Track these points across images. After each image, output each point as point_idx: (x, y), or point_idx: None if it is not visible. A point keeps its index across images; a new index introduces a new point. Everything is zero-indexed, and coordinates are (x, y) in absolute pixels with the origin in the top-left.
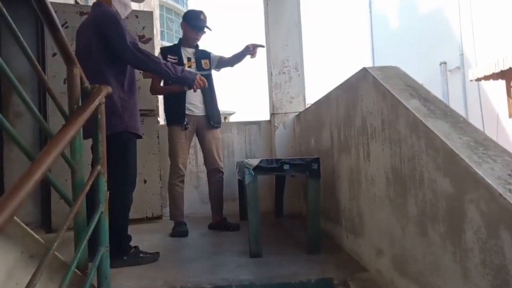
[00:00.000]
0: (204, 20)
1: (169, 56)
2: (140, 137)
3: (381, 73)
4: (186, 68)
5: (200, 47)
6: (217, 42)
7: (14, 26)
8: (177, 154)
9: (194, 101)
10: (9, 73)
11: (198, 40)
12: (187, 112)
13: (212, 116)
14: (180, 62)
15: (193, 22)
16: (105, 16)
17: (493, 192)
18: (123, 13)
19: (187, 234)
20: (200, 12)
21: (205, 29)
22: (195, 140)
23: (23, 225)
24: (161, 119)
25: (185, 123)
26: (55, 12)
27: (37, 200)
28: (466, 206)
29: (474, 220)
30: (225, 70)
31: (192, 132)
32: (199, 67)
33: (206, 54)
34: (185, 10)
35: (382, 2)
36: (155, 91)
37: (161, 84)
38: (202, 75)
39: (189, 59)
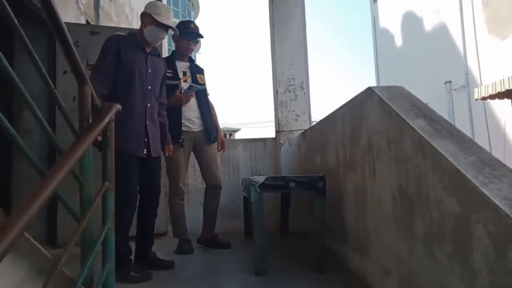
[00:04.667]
0: (195, 29)
1: None
2: (132, 155)
3: (386, 93)
4: (182, 82)
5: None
6: (224, 60)
7: (30, 46)
8: (177, 173)
9: (190, 117)
10: (24, 91)
11: (191, 50)
12: (183, 128)
13: (211, 131)
14: (175, 76)
15: (183, 31)
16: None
17: (500, 213)
18: (152, 41)
19: (192, 251)
20: (190, 21)
21: (197, 39)
22: (193, 156)
23: (32, 240)
24: None
25: (181, 140)
26: (68, 31)
27: (43, 215)
28: (473, 226)
29: (482, 240)
30: (230, 84)
31: (189, 149)
32: (194, 81)
33: (200, 69)
34: None
35: (386, 21)
36: None
37: None
38: (198, 89)
39: (184, 73)
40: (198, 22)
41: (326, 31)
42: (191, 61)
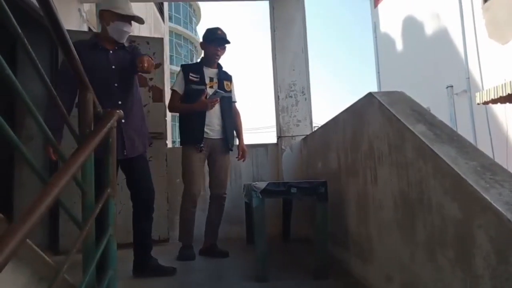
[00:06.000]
0: (222, 35)
1: (191, 74)
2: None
3: (386, 98)
4: (208, 88)
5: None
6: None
7: (33, 54)
8: (191, 178)
9: (211, 123)
10: (26, 98)
11: (218, 56)
12: (204, 134)
13: (230, 140)
14: (202, 81)
15: (210, 38)
16: None
17: (501, 218)
18: (119, 38)
19: (194, 258)
20: (217, 28)
21: (225, 45)
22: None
23: (34, 247)
24: (169, 142)
25: (202, 145)
26: (70, 38)
27: (44, 221)
28: (475, 232)
29: (483, 245)
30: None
31: (205, 155)
32: (221, 88)
33: (228, 76)
34: (193, 35)
35: (387, 26)
36: (173, 108)
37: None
38: (224, 96)
39: (211, 79)
40: (199, 28)
41: (327, 37)
42: (220, 67)
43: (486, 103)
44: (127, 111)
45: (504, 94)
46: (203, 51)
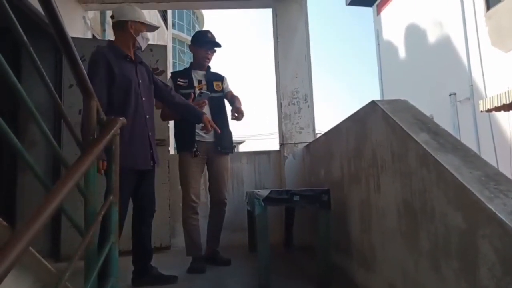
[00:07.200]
0: (212, 38)
1: (178, 79)
2: (132, 169)
3: (389, 106)
4: (197, 90)
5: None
6: (227, 73)
7: (38, 61)
8: (188, 184)
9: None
10: (30, 104)
11: (208, 59)
12: (197, 138)
13: (221, 142)
14: (190, 85)
15: (201, 40)
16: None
17: (506, 228)
18: (143, 46)
19: (205, 270)
20: (207, 31)
21: (215, 48)
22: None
23: (37, 254)
24: (171, 148)
25: (195, 149)
26: (74, 46)
27: (46, 228)
28: (479, 242)
29: (488, 256)
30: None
31: (203, 160)
32: (210, 88)
33: (218, 77)
34: None
35: (390, 34)
36: (165, 116)
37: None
38: (213, 97)
39: (199, 82)
40: None
41: (330, 43)
42: (208, 69)
43: (489, 110)
44: (152, 124)
45: (508, 102)
46: (192, 54)
